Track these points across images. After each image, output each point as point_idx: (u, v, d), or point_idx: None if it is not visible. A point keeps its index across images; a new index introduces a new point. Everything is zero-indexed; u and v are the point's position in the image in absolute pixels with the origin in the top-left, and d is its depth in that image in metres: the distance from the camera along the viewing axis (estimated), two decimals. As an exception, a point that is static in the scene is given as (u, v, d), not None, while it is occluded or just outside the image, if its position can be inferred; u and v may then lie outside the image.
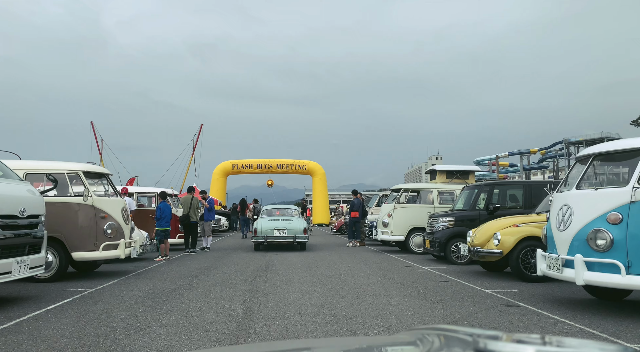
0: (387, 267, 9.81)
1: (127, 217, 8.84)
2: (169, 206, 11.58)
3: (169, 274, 8.74)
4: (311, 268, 9.67)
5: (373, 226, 15.85)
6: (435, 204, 13.03)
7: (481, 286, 7.38)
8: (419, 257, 12.07)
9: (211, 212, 14.16)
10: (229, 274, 8.72)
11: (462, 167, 13.68)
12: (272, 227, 13.83)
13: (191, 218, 13.05)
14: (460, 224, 10.52)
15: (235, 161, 36.56)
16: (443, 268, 9.74)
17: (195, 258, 11.75)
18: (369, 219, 16.63)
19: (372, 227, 15.89)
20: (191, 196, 13.31)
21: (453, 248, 10.46)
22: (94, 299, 6.33)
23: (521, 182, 10.65)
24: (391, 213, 13.14)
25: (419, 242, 12.95)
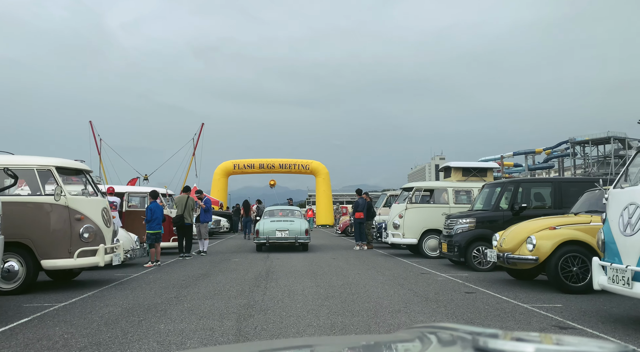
0: (401, 275, 8.71)
1: (109, 218, 7.77)
2: (160, 206, 10.51)
3: (155, 284, 7.65)
4: (316, 276, 8.57)
5: (381, 228, 14.75)
6: (450, 204, 11.92)
7: (516, 299, 6.27)
8: (435, 262, 10.96)
9: (208, 213, 13.09)
10: (224, 284, 7.64)
11: (479, 164, 12.56)
12: (274, 228, 13.66)
13: (185, 220, 11.98)
14: (481, 226, 9.41)
15: (236, 161, 35.50)
16: (464, 275, 8.63)
17: (189, 264, 10.67)
18: (376, 221, 15.53)
19: (381, 229, 14.79)
20: (186, 196, 12.24)
21: (474, 252, 9.35)
22: (57, 318, 5.25)
23: (549, 180, 9.56)
24: (402, 214, 12.03)
25: (433, 245, 11.85)
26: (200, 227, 12.96)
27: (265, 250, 14.69)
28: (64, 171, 7.33)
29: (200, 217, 13.01)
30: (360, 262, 10.97)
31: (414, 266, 10.11)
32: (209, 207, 13.11)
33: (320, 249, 14.79)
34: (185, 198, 12.14)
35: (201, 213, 12.98)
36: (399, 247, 13.84)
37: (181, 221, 11.88)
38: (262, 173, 35.12)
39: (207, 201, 13.24)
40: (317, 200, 35.59)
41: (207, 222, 13.16)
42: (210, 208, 13.27)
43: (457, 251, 9.43)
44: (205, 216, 13.01)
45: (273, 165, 35.15)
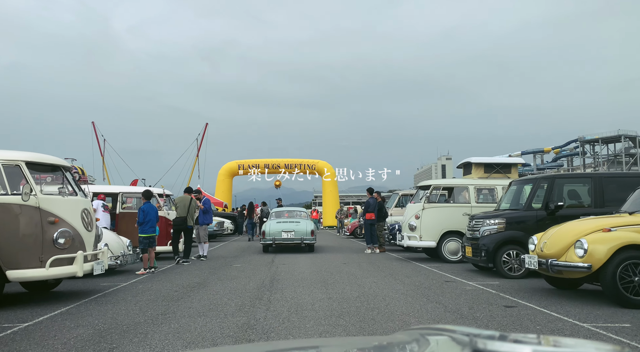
0: (423, 283, 7.64)
1: (91, 221, 6.76)
2: (154, 207, 9.49)
3: (142, 296, 6.63)
4: (327, 285, 7.53)
5: (394, 230, 13.69)
6: (472, 203, 10.83)
7: (570, 316, 5.20)
8: (456, 267, 9.88)
9: (207, 214, 12.05)
10: (222, 296, 6.61)
11: (502, 160, 11.46)
12: (280, 229, 13.65)
13: (188, 223, 10.98)
14: (512, 227, 8.33)
15: (241, 161, 34.54)
16: (495, 284, 7.56)
17: (187, 270, 9.65)
18: (389, 222, 14.46)
19: (394, 230, 13.73)
20: (189, 197, 11.23)
21: (505, 257, 8.27)
22: (11, 346, 4.24)
23: (589, 175, 8.48)
24: (419, 214, 10.96)
25: (454, 249, 10.77)
26: (199, 230, 11.95)
27: (271, 251, 13.68)
28: (36, 167, 6.34)
29: (199, 219, 12.00)
30: (374, 267, 9.91)
31: (434, 272, 9.03)
32: (208, 209, 12.08)
33: (329, 252, 13.74)
34: (188, 199, 11.13)
35: (200, 215, 11.97)
36: (414, 250, 12.79)
37: (184, 223, 10.88)
38: (267, 173, 34.13)
39: (206, 202, 12.22)
40: (324, 201, 34.57)
41: (207, 225, 12.14)
42: (209, 209, 12.25)
43: (484, 255, 8.35)
44: (204, 217, 11.99)
45: (278, 165, 34.16)
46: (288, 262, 10.92)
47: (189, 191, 11.51)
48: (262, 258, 12.08)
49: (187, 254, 11.01)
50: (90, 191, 11.92)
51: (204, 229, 11.94)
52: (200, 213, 11.97)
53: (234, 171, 34.19)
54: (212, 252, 13.88)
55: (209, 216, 12.22)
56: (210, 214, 12.27)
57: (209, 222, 12.24)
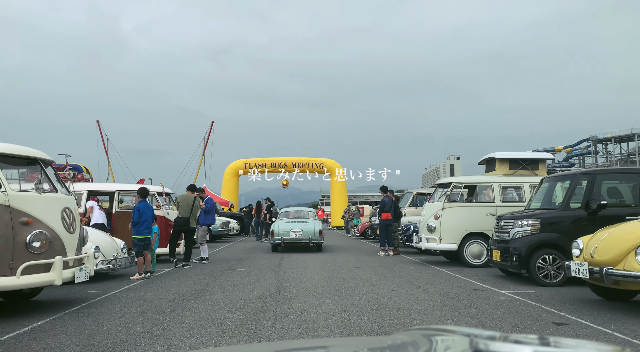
0: (449, 292, 6.75)
1: (73, 221, 5.94)
2: (150, 207, 8.67)
3: (131, 307, 5.80)
4: (340, 293, 6.67)
5: (409, 231, 12.79)
6: (497, 202, 9.91)
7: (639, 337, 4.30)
8: (481, 272, 8.97)
9: (209, 214, 11.19)
10: (221, 307, 5.76)
11: (530, 155, 10.51)
12: (289, 229, 13.74)
13: (190, 224, 10.15)
14: (548, 229, 7.41)
15: (247, 160, 33.76)
16: (531, 293, 6.64)
17: (186, 275, 8.83)
18: (402, 222, 13.57)
19: (409, 231, 12.84)
20: (193, 196, 10.40)
21: (540, 262, 7.35)
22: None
23: (635, 170, 7.53)
24: (439, 215, 10.05)
25: (477, 252, 9.85)
26: (199, 231, 11.13)
27: (279, 252, 12.83)
28: (7, 160, 5.52)
29: (199, 219, 11.17)
30: (391, 272, 9.02)
31: (459, 279, 8.13)
32: (210, 208, 11.21)
33: (339, 254, 12.86)
34: (191, 198, 10.30)
35: (201, 215, 11.14)
36: (431, 252, 11.89)
37: (186, 224, 10.05)
38: (274, 172, 33.31)
39: (208, 201, 11.36)
40: (332, 200, 33.70)
41: (207, 226, 11.28)
42: (212, 209, 11.38)
43: (516, 260, 7.44)
44: (205, 218, 11.11)
45: (285, 164, 33.33)
46: (296, 266, 10.06)
47: (192, 189, 10.66)
48: (268, 261, 11.23)
49: (187, 257, 10.17)
50: (86, 190, 11.16)
51: (204, 230, 11.10)
52: (202, 213, 11.14)
53: (241, 170, 33.41)
54: (216, 254, 13.06)
55: (211, 216, 11.36)
56: (212, 215, 11.41)
57: (211, 223, 11.39)
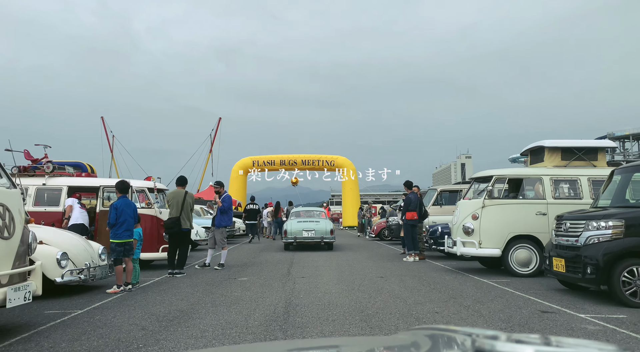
0: (511, 315, 5.09)
1: (10, 224, 4.39)
2: (132, 204, 7.08)
3: (85, 341, 4.22)
4: (368, 316, 5.04)
5: (436, 233, 11.13)
6: (548, 199, 8.21)
7: None
8: (534, 284, 7.29)
9: (226, 214, 9.57)
10: (208, 339, 4.16)
11: (585, 143, 8.77)
12: (301, 228, 13.80)
13: (182, 225, 8.58)
14: (635, 233, 5.72)
15: (256, 157, 32.21)
16: (623, 318, 4.96)
17: (176, 287, 7.25)
18: (426, 223, 11.92)
19: (435, 233, 11.17)
20: (184, 191, 8.83)
21: (626, 276, 5.66)
22: None
23: None
24: (478, 214, 8.37)
25: (524, 258, 8.17)
26: (215, 234, 9.57)
27: (288, 258, 11.24)
28: None
29: (215, 220, 9.61)
30: (424, 284, 7.37)
31: (513, 294, 6.45)
32: (227, 208, 9.52)
33: (357, 258, 11.22)
34: (182, 194, 8.73)
35: (217, 214, 9.57)
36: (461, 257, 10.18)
37: (176, 225, 8.49)
38: (283, 170, 31.75)
39: (226, 198, 9.68)
40: (344, 199, 32.03)
41: (224, 228, 9.69)
42: (229, 209, 9.67)
43: (591, 272, 5.75)
44: (221, 218, 9.53)
45: (295, 161, 31.74)
46: (308, 275, 8.45)
47: (181, 183, 9.04)
48: (275, 267, 9.62)
49: (181, 264, 8.60)
50: (66, 185, 9.66)
51: (221, 233, 9.53)
52: (217, 213, 9.57)
53: (249, 167, 31.88)
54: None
55: (228, 217, 9.65)
56: (229, 215, 9.70)
57: (227, 224, 9.68)
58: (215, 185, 9.90)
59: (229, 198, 9.79)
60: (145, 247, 9.02)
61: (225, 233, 9.67)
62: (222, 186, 9.90)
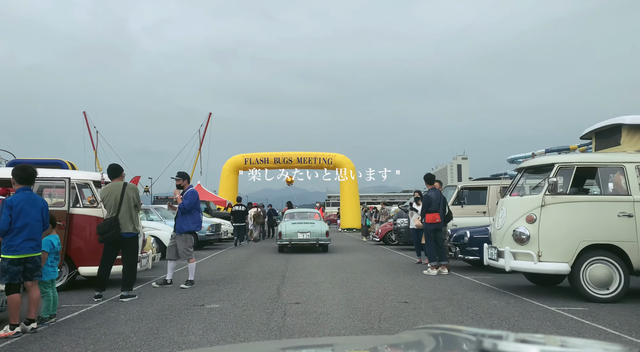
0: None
1: None
2: (38, 200, 4.66)
3: None
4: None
5: (463, 239, 8.83)
6: (634, 195, 5.92)
7: None
8: (621, 312, 4.99)
9: (190, 216, 7.14)
10: None
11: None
12: (296, 230, 13.28)
13: (122, 228, 6.19)
14: None
15: (248, 155, 29.84)
16: None
17: (108, 323, 4.89)
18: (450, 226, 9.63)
19: (462, 239, 8.87)
20: (121, 184, 6.42)
21: None
22: None
23: None
24: (535, 215, 6.06)
25: (602, 276, 5.85)
26: (177, 242, 7.19)
27: (280, 269, 8.89)
28: None
29: (176, 223, 7.23)
30: (471, 316, 5.05)
31: (604, 332, 4.14)
32: (189, 206, 7.11)
33: (367, 271, 8.87)
34: (119, 188, 6.28)
35: (178, 215, 7.19)
36: (498, 270, 7.84)
37: (113, 229, 6.10)
38: (277, 168, 29.39)
39: (189, 194, 7.24)
40: (342, 199, 29.70)
41: (190, 234, 7.26)
42: (195, 207, 7.26)
43: None
44: (183, 220, 7.14)
45: (290, 159, 29.38)
46: (305, 297, 6.11)
47: (115, 173, 6.47)
48: (261, 285, 7.28)
49: (128, 283, 6.19)
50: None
51: (185, 240, 7.13)
52: (179, 214, 7.18)
53: (240, 166, 29.49)
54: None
55: (193, 218, 7.19)
56: (195, 217, 7.23)
57: (193, 228, 7.24)
58: (177, 177, 7.52)
59: (194, 194, 7.28)
60: (88, 258, 6.66)
61: (190, 241, 7.27)
62: (184, 178, 7.50)
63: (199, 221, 7.33)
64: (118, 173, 6.53)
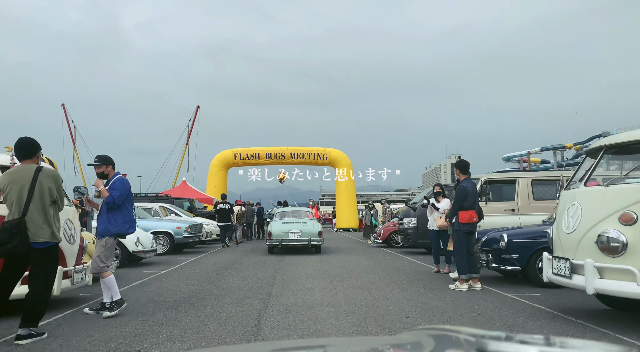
0: None
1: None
2: None
3: None
4: None
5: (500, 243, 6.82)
6: None
7: None
8: None
9: (116, 213, 5.02)
10: None
11: None
12: (287, 230, 12.46)
13: (32, 236, 4.08)
14: None
15: (237, 150, 27.73)
16: None
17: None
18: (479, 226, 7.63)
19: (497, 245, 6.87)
20: (34, 168, 4.32)
21: None
22: None
23: None
24: (636, 213, 4.09)
25: None
26: (96, 247, 5.09)
27: (267, 277, 6.85)
28: None
29: (98, 224, 5.13)
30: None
31: None
32: (120, 198, 5.04)
33: (376, 285, 6.84)
34: (29, 174, 4.15)
35: (101, 213, 5.10)
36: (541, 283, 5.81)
37: (14, 237, 3.99)
38: (268, 164, 27.33)
39: (118, 184, 5.14)
40: (338, 197, 27.70)
41: (113, 237, 5.10)
42: (127, 200, 5.18)
43: None
44: (111, 220, 5.04)
45: (283, 154, 27.32)
46: (298, 328, 4.09)
47: (26, 151, 4.29)
48: (237, 310, 5.23)
49: (31, 317, 4.08)
50: None
51: (106, 246, 5.03)
52: (103, 210, 5.09)
53: (230, 161, 27.39)
54: (150, 285, 7.06)
55: (125, 216, 5.13)
56: (125, 214, 5.15)
57: (125, 230, 5.18)
58: (98, 162, 5.34)
59: (124, 183, 5.20)
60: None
61: (112, 249, 5.13)
62: (108, 164, 5.36)
63: (132, 220, 5.23)
64: (31, 151, 4.41)
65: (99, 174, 5.23)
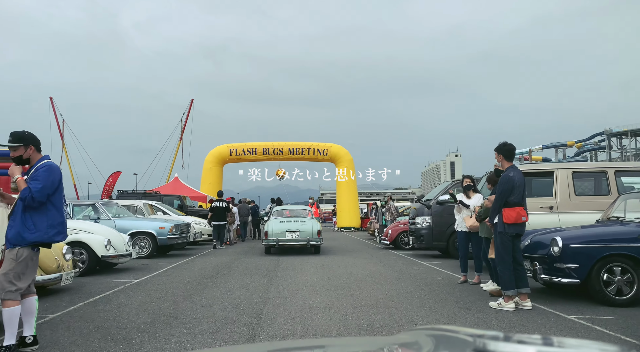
0: None
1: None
2: None
3: None
4: None
5: (552, 250, 5.36)
6: None
7: None
8: None
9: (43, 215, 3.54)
10: None
11: None
12: (284, 229, 11.67)
13: None
14: None
15: (233, 145, 26.22)
16: None
17: None
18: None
19: (551, 252, 5.41)
20: None
21: None
22: None
23: None
24: None
25: None
26: (5, 260, 3.59)
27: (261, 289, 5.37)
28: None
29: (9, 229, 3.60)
30: None
31: None
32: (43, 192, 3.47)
33: (394, 300, 5.38)
34: None
35: (17, 213, 3.57)
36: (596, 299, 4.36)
37: None
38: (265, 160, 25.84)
39: (44, 172, 3.58)
40: (338, 195, 26.23)
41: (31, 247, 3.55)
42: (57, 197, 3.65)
43: None
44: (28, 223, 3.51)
45: (281, 150, 25.82)
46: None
47: None
48: (214, 342, 3.78)
49: None
50: None
51: (17, 260, 3.48)
52: (19, 208, 3.59)
53: (225, 157, 25.88)
54: (120, 298, 5.57)
55: (50, 218, 3.59)
56: (51, 214, 3.60)
57: (49, 238, 3.58)
58: (13, 143, 3.76)
59: (52, 171, 3.66)
60: None
61: (25, 264, 3.59)
62: (28, 144, 3.72)
63: (61, 224, 3.70)
64: None
65: (15, 158, 3.71)
